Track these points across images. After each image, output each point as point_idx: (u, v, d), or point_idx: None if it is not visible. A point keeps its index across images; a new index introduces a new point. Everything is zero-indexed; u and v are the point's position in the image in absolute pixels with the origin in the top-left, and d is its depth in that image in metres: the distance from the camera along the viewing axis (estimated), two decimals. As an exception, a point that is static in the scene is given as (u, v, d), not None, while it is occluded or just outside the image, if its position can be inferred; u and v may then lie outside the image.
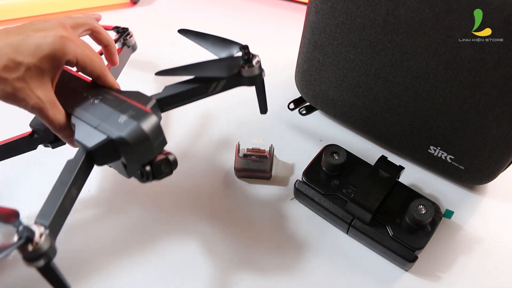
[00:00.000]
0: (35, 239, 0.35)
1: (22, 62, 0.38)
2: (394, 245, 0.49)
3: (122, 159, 0.41)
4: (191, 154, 0.61)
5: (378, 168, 0.52)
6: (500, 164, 0.50)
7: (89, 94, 0.44)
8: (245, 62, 0.47)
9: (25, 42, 0.39)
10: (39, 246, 0.35)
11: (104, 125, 0.40)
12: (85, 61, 0.42)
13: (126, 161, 0.41)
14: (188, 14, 0.79)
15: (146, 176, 0.42)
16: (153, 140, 0.40)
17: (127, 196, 0.56)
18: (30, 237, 0.34)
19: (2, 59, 0.38)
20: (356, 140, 0.62)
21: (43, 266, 0.36)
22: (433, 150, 0.54)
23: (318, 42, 0.54)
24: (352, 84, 0.55)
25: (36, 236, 0.35)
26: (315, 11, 0.52)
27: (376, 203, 0.49)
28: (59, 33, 0.40)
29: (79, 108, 0.43)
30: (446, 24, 0.44)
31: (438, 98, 0.49)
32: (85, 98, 0.44)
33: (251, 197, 0.57)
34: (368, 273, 0.50)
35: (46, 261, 0.36)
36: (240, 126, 0.63)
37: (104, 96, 0.44)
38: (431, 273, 0.50)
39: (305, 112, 0.65)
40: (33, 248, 0.35)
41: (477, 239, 0.53)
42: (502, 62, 0.42)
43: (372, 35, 0.49)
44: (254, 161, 0.56)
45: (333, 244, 0.53)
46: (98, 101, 0.43)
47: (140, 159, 0.41)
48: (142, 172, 0.42)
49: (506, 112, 0.45)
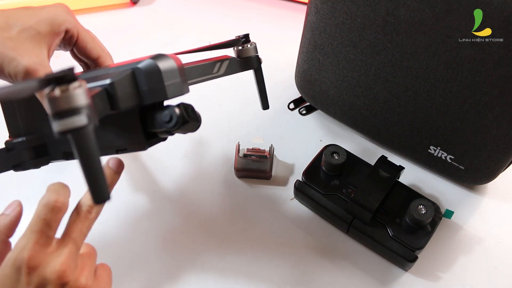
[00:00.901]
0: None
1: (15, 24, 0.37)
2: (394, 245, 0.49)
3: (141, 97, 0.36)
4: (191, 154, 0.61)
5: (378, 168, 0.52)
6: (500, 164, 0.50)
7: None
8: (242, 43, 0.47)
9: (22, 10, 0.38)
10: (71, 95, 0.27)
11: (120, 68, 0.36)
12: (86, 36, 0.41)
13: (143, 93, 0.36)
14: (188, 14, 0.79)
15: (176, 120, 0.36)
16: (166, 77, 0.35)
17: (127, 194, 0.56)
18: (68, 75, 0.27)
19: None
20: (356, 140, 0.62)
21: (79, 129, 0.28)
22: (433, 150, 0.54)
23: (318, 42, 0.54)
24: (352, 84, 0.55)
25: None
26: (315, 11, 0.52)
27: (376, 203, 0.49)
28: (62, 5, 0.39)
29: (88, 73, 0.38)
30: (446, 24, 0.44)
31: (438, 98, 0.49)
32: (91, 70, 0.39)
33: (251, 197, 0.57)
34: (368, 273, 0.50)
35: (87, 122, 0.28)
36: (240, 126, 0.63)
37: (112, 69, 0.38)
38: (431, 273, 0.50)
39: (305, 112, 0.65)
40: (63, 95, 0.27)
41: (477, 239, 0.53)
42: (502, 62, 0.42)
43: (372, 35, 0.49)
44: (254, 161, 0.56)
45: (333, 244, 0.53)
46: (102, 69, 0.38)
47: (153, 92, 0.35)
48: (172, 115, 0.36)
49: (506, 112, 0.45)
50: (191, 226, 0.54)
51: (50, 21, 0.38)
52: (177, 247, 0.53)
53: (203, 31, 0.76)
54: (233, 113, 0.65)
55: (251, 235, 0.53)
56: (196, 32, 0.76)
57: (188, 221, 0.55)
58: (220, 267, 0.51)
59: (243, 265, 0.51)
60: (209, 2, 0.81)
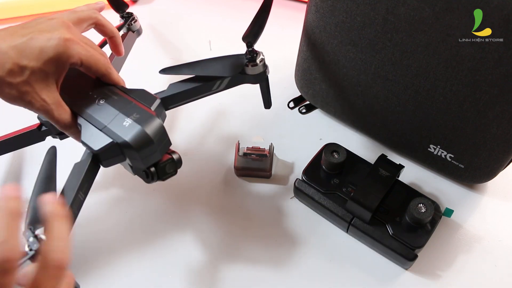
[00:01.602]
0: None
1: (27, 66, 0.38)
2: (394, 244, 0.49)
3: (128, 160, 0.43)
4: (190, 152, 0.61)
5: (378, 167, 0.52)
6: (500, 163, 0.50)
7: (95, 93, 0.45)
8: (249, 61, 0.47)
9: (30, 45, 0.39)
10: None
11: (110, 128, 0.41)
12: (89, 61, 0.42)
13: (132, 164, 0.43)
14: (187, 13, 0.79)
15: (151, 177, 0.43)
16: (158, 143, 0.41)
17: (127, 193, 0.56)
18: (39, 248, 0.35)
19: (7, 64, 0.37)
20: (356, 139, 0.62)
21: None
22: (433, 149, 0.54)
23: (318, 41, 0.54)
24: (352, 83, 0.55)
25: None
26: (315, 10, 0.52)
27: (376, 202, 0.49)
28: (63, 35, 0.40)
29: (85, 108, 0.43)
30: (446, 23, 0.44)
31: (438, 97, 0.49)
32: (91, 98, 0.44)
33: (251, 196, 0.57)
34: (368, 272, 0.50)
35: None
36: (240, 124, 0.63)
37: (110, 95, 0.44)
38: (430, 271, 0.50)
39: (305, 110, 0.65)
40: None
41: (477, 237, 0.53)
42: (502, 61, 0.42)
43: (372, 33, 0.49)
44: (254, 159, 0.56)
45: (333, 243, 0.53)
46: (104, 102, 0.43)
47: (145, 162, 0.42)
48: (147, 173, 0.43)
49: (506, 111, 0.45)
50: (190, 225, 0.54)
51: (56, 61, 0.40)
52: (175, 245, 0.53)
53: (202, 30, 0.76)
54: (233, 111, 0.65)
55: (250, 233, 0.53)
56: (195, 31, 0.76)
57: (187, 220, 0.55)
58: (219, 267, 0.51)
59: (242, 264, 0.51)
60: (209, 2, 0.81)
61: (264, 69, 0.50)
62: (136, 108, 0.42)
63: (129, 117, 0.41)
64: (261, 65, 0.49)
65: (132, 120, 0.41)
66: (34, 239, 0.36)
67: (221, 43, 0.73)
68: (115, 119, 0.42)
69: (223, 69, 0.48)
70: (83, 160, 0.44)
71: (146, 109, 0.43)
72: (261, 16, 0.49)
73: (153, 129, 0.41)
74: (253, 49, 0.48)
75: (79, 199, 0.42)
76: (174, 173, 0.45)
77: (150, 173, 0.43)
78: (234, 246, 0.52)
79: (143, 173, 0.43)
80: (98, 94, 0.44)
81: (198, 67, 0.48)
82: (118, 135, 0.41)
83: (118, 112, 0.42)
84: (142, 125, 0.41)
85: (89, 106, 0.43)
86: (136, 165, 0.43)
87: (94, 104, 0.43)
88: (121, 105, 0.43)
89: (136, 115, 0.42)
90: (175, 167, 0.45)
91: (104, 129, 0.42)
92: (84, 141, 0.42)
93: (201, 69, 0.48)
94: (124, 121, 0.41)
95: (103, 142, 0.41)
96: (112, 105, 0.43)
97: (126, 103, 0.43)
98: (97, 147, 0.41)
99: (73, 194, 0.41)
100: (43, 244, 0.30)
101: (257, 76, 0.50)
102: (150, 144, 0.41)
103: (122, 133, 0.41)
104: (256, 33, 0.49)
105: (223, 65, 0.48)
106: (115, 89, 0.45)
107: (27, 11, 0.78)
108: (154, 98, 0.45)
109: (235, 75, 0.49)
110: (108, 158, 0.42)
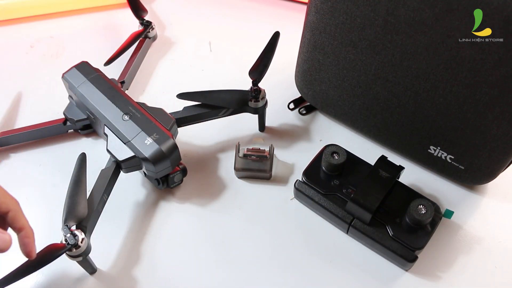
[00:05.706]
0: (78, 244, 0.44)
1: None
2: (394, 245, 0.49)
3: (144, 169, 0.52)
4: (190, 153, 0.61)
5: (378, 168, 0.52)
6: (500, 164, 0.50)
7: (120, 107, 0.53)
8: (252, 97, 0.56)
9: None
10: (81, 249, 0.45)
11: (133, 143, 0.50)
12: None
13: (147, 173, 0.52)
14: (188, 14, 0.79)
15: (161, 184, 0.54)
16: (171, 160, 0.51)
17: (126, 194, 0.57)
18: (75, 243, 0.44)
19: None
20: (356, 140, 0.62)
21: (81, 260, 0.46)
22: (433, 150, 0.54)
23: (318, 42, 0.54)
24: (352, 84, 0.55)
25: (79, 242, 0.44)
26: (315, 11, 0.52)
27: (376, 203, 0.49)
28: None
29: (111, 121, 0.52)
30: (446, 24, 0.44)
31: (438, 98, 0.49)
32: (116, 112, 0.53)
33: (251, 197, 0.56)
34: (368, 273, 0.50)
35: (84, 257, 0.46)
36: (240, 125, 0.63)
37: (134, 113, 0.53)
38: (431, 273, 0.50)
39: (305, 112, 0.65)
40: (76, 250, 0.45)
41: (477, 239, 0.53)
42: (502, 62, 0.42)
43: (372, 35, 0.49)
44: (254, 161, 0.56)
45: (333, 244, 0.53)
46: (128, 118, 0.52)
47: (159, 173, 0.51)
48: (158, 181, 0.53)
49: (506, 112, 0.45)
50: (190, 226, 0.54)
51: None
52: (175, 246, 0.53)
53: (203, 31, 0.76)
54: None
55: (250, 235, 0.53)
56: (196, 32, 0.76)
57: (187, 220, 0.55)
58: (219, 266, 0.51)
59: (242, 265, 0.51)
60: (209, 2, 0.81)
61: (264, 104, 0.58)
62: (156, 129, 0.51)
63: (150, 136, 0.50)
64: (262, 102, 0.57)
65: (153, 140, 0.50)
66: (71, 235, 0.44)
67: (222, 44, 0.73)
68: (138, 136, 0.51)
69: (230, 102, 0.56)
70: (108, 167, 0.51)
71: (164, 130, 0.51)
72: (267, 54, 0.56)
73: (168, 148, 0.50)
74: (258, 87, 0.56)
75: (103, 200, 0.50)
76: (181, 182, 0.55)
77: (161, 181, 0.53)
78: (232, 247, 0.52)
79: (155, 180, 0.53)
80: (123, 109, 0.53)
81: (210, 96, 0.57)
82: (140, 151, 0.50)
83: (140, 130, 0.51)
84: (160, 145, 0.49)
85: (115, 120, 0.52)
86: (151, 174, 0.52)
87: (119, 118, 0.52)
88: (144, 125, 0.51)
89: (156, 136, 0.50)
90: (182, 177, 0.55)
91: (128, 143, 0.50)
92: (110, 151, 0.51)
93: (212, 99, 0.56)
94: (145, 140, 0.50)
95: (127, 154, 0.50)
96: (136, 122, 0.52)
97: (147, 122, 0.52)
98: (122, 158, 0.50)
99: (99, 196, 0.49)
100: None
101: (257, 109, 0.58)
102: (165, 160, 0.50)
103: (144, 149, 0.50)
104: (262, 72, 0.56)
105: (230, 98, 0.56)
106: (139, 107, 0.54)
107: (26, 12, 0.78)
108: (170, 118, 0.54)
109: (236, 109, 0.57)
110: (129, 166, 0.51)
